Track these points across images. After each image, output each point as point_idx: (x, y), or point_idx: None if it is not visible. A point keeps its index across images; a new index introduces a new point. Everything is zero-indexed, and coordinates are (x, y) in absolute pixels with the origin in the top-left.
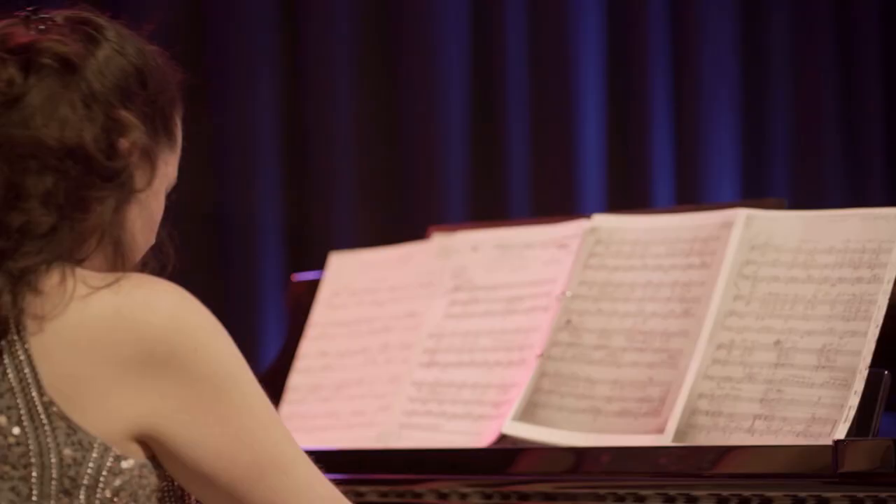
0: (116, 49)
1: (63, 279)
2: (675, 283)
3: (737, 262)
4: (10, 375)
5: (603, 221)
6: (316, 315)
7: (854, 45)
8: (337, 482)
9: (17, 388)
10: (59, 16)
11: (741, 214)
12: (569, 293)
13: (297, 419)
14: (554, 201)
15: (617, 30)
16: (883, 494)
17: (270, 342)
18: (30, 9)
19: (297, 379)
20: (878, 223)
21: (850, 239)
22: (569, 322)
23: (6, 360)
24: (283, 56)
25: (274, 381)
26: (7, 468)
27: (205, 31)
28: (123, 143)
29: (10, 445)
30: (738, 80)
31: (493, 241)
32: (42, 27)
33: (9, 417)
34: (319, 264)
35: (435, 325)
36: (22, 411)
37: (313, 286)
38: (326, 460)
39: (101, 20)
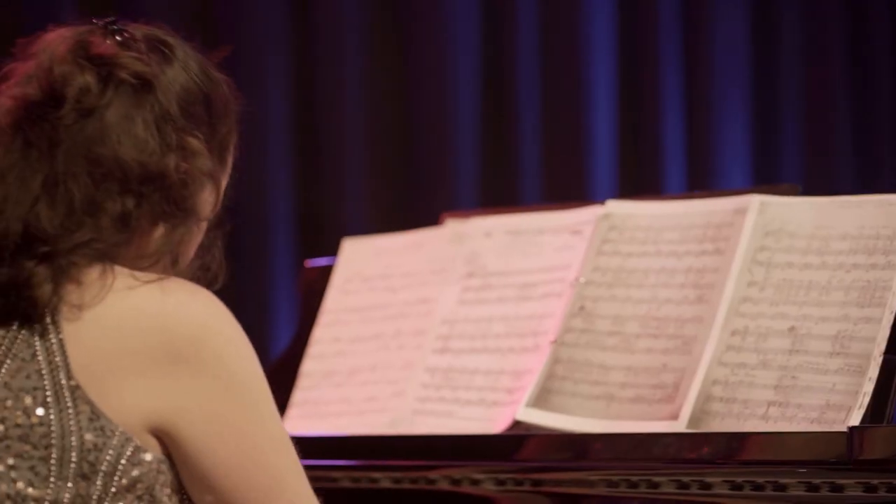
0: (187, 72)
1: (103, 273)
2: (688, 270)
3: (751, 248)
4: (41, 357)
5: (616, 207)
6: (329, 301)
7: (865, 33)
8: (350, 468)
9: (45, 371)
10: (139, 31)
11: (755, 200)
12: (582, 279)
13: (309, 405)
14: (565, 188)
15: (629, 17)
16: None
17: (283, 329)
18: (110, 19)
19: (310, 365)
20: (893, 209)
21: (865, 225)
22: (582, 308)
23: (38, 343)
24: (294, 45)
25: (287, 367)
26: (28, 447)
27: (216, 21)
28: (191, 170)
29: (32, 425)
30: (749, 67)
31: (506, 228)
32: (120, 39)
33: (34, 398)
34: (332, 251)
35: (448, 311)
36: (48, 393)
37: (326, 272)
38: (339, 446)
39: (175, 41)
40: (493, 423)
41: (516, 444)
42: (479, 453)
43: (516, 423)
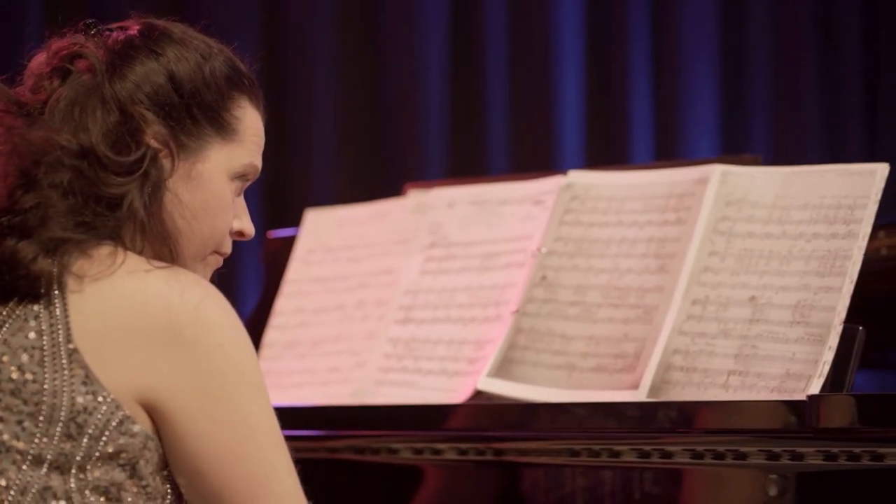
0: (152, 51)
1: (114, 253)
2: (650, 239)
3: (712, 218)
4: (42, 318)
5: (579, 178)
6: (291, 272)
7: (834, 5)
8: (313, 438)
9: (46, 331)
10: (120, 25)
11: (717, 170)
12: (544, 249)
13: (272, 376)
14: (533, 159)
15: None
16: (857, 449)
17: (249, 299)
18: (90, 21)
19: (273, 335)
20: (854, 179)
21: (826, 195)
22: (544, 278)
23: (41, 306)
24: (262, 17)
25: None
26: (18, 402)
27: None
28: (143, 137)
29: (25, 381)
30: (717, 38)
31: (468, 198)
32: (93, 33)
33: (31, 356)
34: (297, 222)
35: (411, 281)
36: (46, 352)
37: (289, 243)
38: (302, 417)
39: (160, 24)
40: (455, 392)
41: (478, 413)
42: (441, 423)
43: (478, 393)
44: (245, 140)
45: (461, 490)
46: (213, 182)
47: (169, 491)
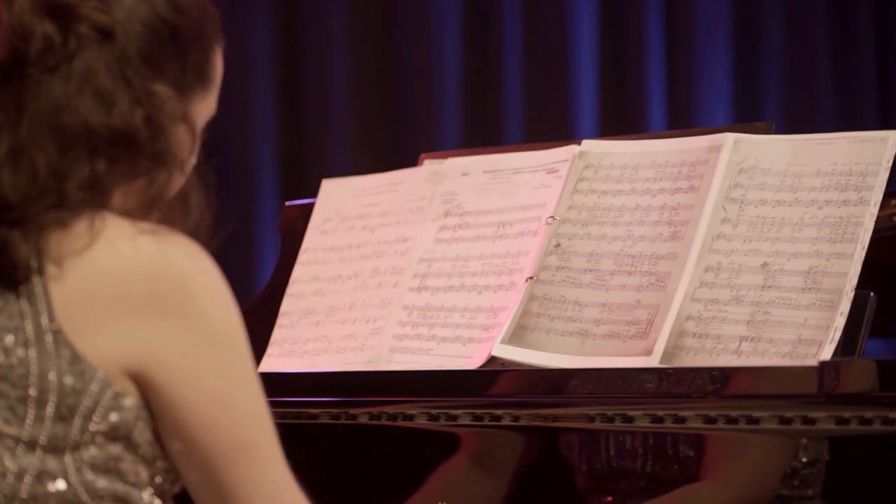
0: (147, 6)
1: (91, 223)
2: (663, 207)
3: (724, 185)
4: (23, 298)
5: (592, 146)
6: (308, 241)
7: None
8: (329, 404)
9: (27, 312)
10: None
11: (729, 138)
12: (558, 217)
13: (288, 343)
14: (548, 130)
15: None
16: (868, 414)
17: (267, 269)
18: None
19: (289, 303)
20: (865, 146)
21: (837, 162)
22: (558, 246)
23: (22, 289)
24: None
25: (266, 306)
26: (6, 387)
27: None
28: (161, 121)
29: (12, 365)
30: (730, 5)
31: (482, 167)
32: None
33: (16, 338)
34: (314, 192)
35: (425, 249)
36: (29, 334)
37: (306, 212)
38: (318, 383)
39: None
40: (469, 359)
41: (493, 379)
42: (456, 389)
43: (492, 360)
44: (213, 86)
45: (476, 455)
46: (194, 137)
47: (159, 456)
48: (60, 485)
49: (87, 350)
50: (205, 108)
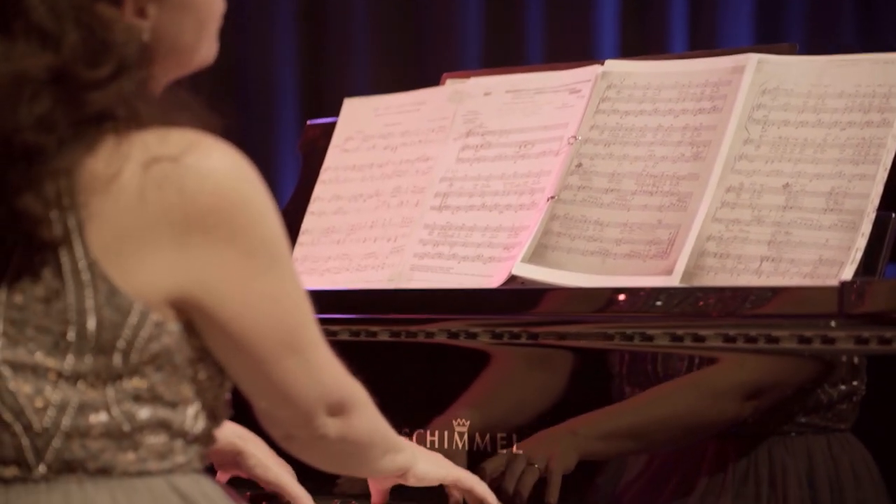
0: None
1: (118, 146)
2: (685, 127)
3: (747, 106)
4: (57, 231)
5: (615, 66)
6: (329, 159)
7: None
8: (349, 321)
9: (63, 247)
10: None
11: (752, 59)
12: (580, 137)
13: (309, 261)
14: (569, 50)
15: None
16: (888, 334)
17: (288, 187)
18: None
19: (311, 221)
20: (889, 68)
21: (861, 83)
22: (580, 166)
23: (55, 217)
24: None
25: (287, 224)
26: (47, 321)
27: None
28: (120, 25)
29: (50, 300)
30: None
31: (505, 86)
32: None
33: (53, 273)
34: (335, 112)
35: (447, 168)
36: (66, 269)
37: (328, 130)
38: (339, 300)
39: None
40: (490, 278)
41: (513, 297)
42: (476, 307)
43: (513, 278)
44: None
45: (496, 373)
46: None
47: (200, 368)
48: (102, 416)
49: (126, 283)
50: None
